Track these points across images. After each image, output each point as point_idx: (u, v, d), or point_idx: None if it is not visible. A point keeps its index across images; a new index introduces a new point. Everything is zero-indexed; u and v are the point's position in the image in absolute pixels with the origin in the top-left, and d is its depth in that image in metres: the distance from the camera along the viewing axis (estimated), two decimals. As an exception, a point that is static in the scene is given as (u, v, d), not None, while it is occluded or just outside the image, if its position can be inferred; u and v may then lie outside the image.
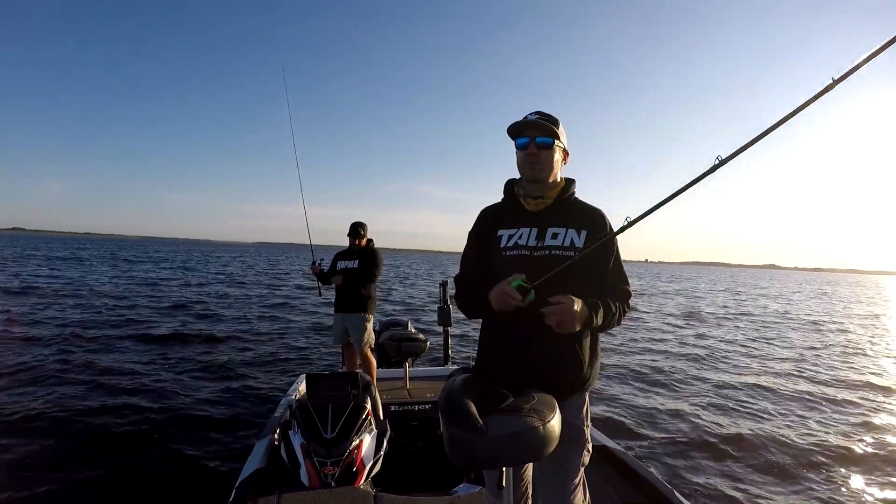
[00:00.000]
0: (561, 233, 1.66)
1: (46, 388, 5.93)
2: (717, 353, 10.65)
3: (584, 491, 1.72)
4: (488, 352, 1.74)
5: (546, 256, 1.63)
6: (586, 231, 1.66)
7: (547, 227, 1.67)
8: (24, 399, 5.52)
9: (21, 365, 6.92)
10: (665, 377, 8.06)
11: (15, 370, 6.64)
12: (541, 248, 1.65)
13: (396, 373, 4.79)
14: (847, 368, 9.59)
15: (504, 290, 1.53)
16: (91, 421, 4.97)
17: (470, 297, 1.71)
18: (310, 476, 2.62)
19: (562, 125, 1.72)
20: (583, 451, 1.69)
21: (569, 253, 1.62)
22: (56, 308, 12.47)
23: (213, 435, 4.81)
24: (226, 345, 9.16)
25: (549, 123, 1.68)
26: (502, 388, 1.55)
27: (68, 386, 6.09)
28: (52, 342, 8.50)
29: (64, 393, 5.79)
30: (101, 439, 4.58)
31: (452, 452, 1.39)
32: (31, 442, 4.43)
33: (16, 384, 6.06)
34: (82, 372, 6.75)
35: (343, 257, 4.90)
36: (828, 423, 6.02)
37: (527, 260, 1.64)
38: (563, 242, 1.64)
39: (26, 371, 6.64)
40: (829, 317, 20.50)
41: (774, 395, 7.29)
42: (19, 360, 7.15)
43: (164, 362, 7.54)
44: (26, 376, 6.41)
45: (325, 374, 3.36)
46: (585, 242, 1.64)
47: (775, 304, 25.96)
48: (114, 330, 9.99)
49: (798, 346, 12.17)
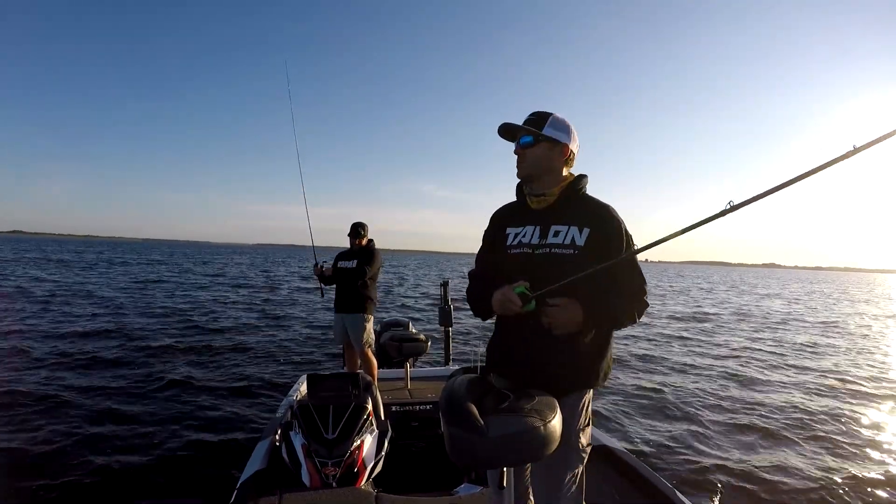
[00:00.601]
0: (562, 230, 1.64)
1: (46, 389, 5.92)
2: (723, 354, 10.65)
3: (580, 490, 1.70)
4: (493, 351, 1.79)
5: (546, 255, 1.62)
6: (589, 228, 1.62)
7: (550, 225, 1.66)
8: (24, 400, 5.52)
9: (22, 365, 6.93)
10: (666, 378, 8.06)
11: (15, 370, 6.65)
12: (542, 245, 1.65)
13: (397, 373, 4.80)
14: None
15: (506, 294, 1.55)
16: (91, 422, 4.98)
17: (478, 295, 1.73)
18: (311, 476, 2.63)
19: (557, 120, 1.69)
20: (575, 451, 1.66)
21: (568, 251, 1.60)
22: (57, 309, 12.48)
23: (214, 435, 4.82)
24: (226, 346, 9.15)
25: (534, 120, 1.68)
26: (504, 387, 1.57)
27: (68, 386, 6.09)
28: (51, 343, 8.51)
29: (63, 393, 5.79)
30: (102, 440, 4.58)
31: (453, 453, 1.39)
32: (30, 442, 4.43)
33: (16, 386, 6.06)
34: (82, 372, 6.76)
35: (343, 258, 4.91)
36: (836, 426, 5.95)
37: (529, 258, 1.65)
38: (564, 240, 1.62)
39: (26, 372, 6.65)
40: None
41: (780, 395, 7.29)
42: (20, 361, 7.16)
43: (163, 363, 7.53)
44: (26, 376, 6.41)
45: (326, 375, 3.36)
46: (587, 240, 1.60)
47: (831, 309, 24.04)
48: (113, 331, 9.99)
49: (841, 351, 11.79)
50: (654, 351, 10.34)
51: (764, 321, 17.15)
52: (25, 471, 3.94)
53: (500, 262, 1.73)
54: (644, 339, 11.66)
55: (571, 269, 1.53)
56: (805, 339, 13.20)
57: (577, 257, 1.59)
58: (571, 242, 1.61)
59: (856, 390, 7.71)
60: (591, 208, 1.68)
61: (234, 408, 5.64)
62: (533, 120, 1.69)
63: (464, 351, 8.95)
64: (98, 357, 7.76)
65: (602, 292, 1.59)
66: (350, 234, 4.90)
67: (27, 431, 4.68)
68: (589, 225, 1.62)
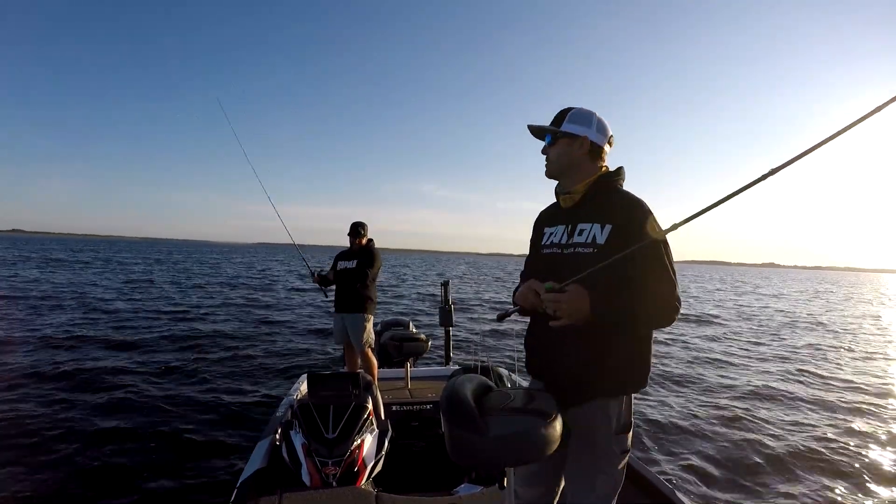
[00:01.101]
0: (586, 229, 1.58)
1: (44, 391, 5.93)
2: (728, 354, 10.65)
3: (613, 493, 1.59)
4: (526, 351, 1.80)
5: (572, 255, 1.59)
6: (611, 225, 1.53)
7: (576, 224, 1.62)
8: (23, 400, 5.52)
9: (20, 367, 6.93)
10: (667, 377, 8.06)
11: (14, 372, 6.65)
12: (569, 245, 1.62)
13: (398, 373, 4.80)
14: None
15: (529, 285, 1.56)
16: (90, 422, 4.98)
17: (514, 293, 1.75)
18: (311, 476, 2.63)
19: (577, 113, 1.65)
20: (605, 457, 1.56)
21: (588, 250, 1.54)
22: (58, 311, 12.49)
23: (215, 435, 4.82)
24: (226, 346, 9.16)
25: (555, 118, 1.68)
26: (538, 388, 1.60)
27: (67, 388, 6.09)
28: (52, 345, 8.51)
29: (62, 395, 5.79)
30: (101, 441, 4.58)
31: (453, 452, 1.40)
32: (30, 443, 4.43)
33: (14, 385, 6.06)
34: (81, 373, 6.75)
35: (343, 258, 4.92)
36: (839, 429, 5.90)
37: (556, 258, 1.64)
38: (586, 239, 1.57)
39: (25, 372, 6.65)
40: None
41: (784, 397, 7.28)
42: (19, 363, 7.17)
43: (163, 364, 7.52)
44: (25, 378, 6.41)
45: (326, 374, 3.36)
46: (608, 238, 1.52)
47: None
48: (113, 331, 9.99)
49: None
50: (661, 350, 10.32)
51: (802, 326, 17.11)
52: (23, 471, 3.94)
53: (534, 262, 1.77)
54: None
55: (588, 268, 1.45)
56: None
57: (596, 256, 1.50)
58: (592, 241, 1.55)
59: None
60: (617, 203, 1.58)
61: (233, 407, 5.64)
62: (554, 118, 1.68)
63: (464, 351, 8.95)
64: (98, 357, 7.77)
65: (620, 288, 1.49)
66: (350, 234, 4.91)
67: (26, 432, 4.68)
68: (612, 221, 1.54)
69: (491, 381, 1.65)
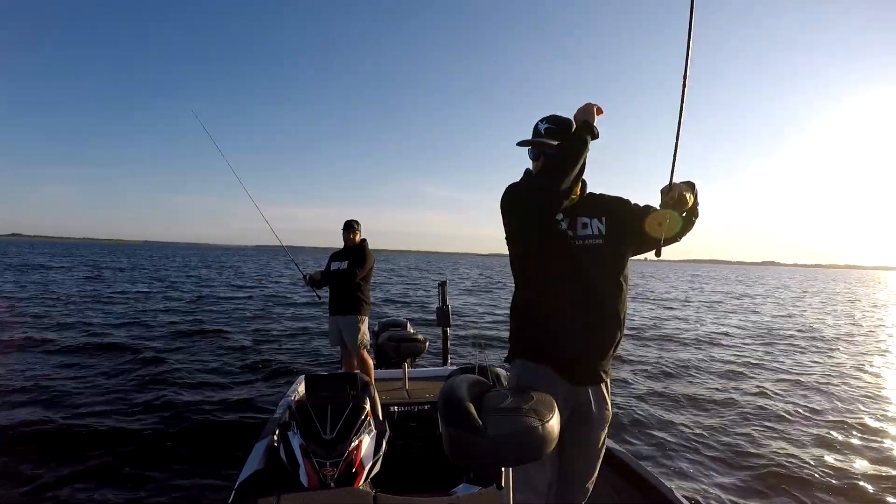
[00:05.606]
0: (588, 222, 1.83)
1: (43, 391, 5.92)
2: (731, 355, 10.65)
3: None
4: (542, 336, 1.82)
5: (583, 246, 1.80)
6: (605, 217, 1.84)
7: (576, 218, 1.83)
8: (21, 403, 5.52)
9: (21, 368, 6.92)
10: (668, 377, 8.06)
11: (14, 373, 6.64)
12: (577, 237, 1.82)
13: (395, 373, 4.79)
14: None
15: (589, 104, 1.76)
16: (90, 423, 4.97)
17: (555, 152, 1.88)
18: (309, 477, 2.62)
19: (539, 128, 1.83)
20: (604, 436, 1.83)
21: (597, 241, 1.80)
22: (59, 312, 12.48)
23: (212, 436, 4.81)
24: (224, 346, 9.16)
25: (534, 132, 1.87)
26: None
27: (66, 388, 6.08)
28: (51, 345, 8.50)
29: (62, 395, 5.79)
30: (100, 441, 4.57)
31: (452, 452, 1.39)
32: (29, 443, 4.43)
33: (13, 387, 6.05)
34: (80, 373, 6.75)
35: (336, 258, 4.92)
36: (839, 429, 5.83)
37: (565, 244, 1.80)
38: (592, 231, 1.83)
39: (25, 373, 6.64)
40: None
41: (786, 399, 7.28)
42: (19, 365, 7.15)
43: (162, 364, 7.52)
44: (24, 379, 6.40)
45: (323, 375, 3.35)
46: (606, 228, 1.82)
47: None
48: (113, 332, 9.99)
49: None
50: (661, 350, 10.34)
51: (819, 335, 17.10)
52: (22, 471, 3.93)
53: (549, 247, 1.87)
54: (654, 339, 11.67)
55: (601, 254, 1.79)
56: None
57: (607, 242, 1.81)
58: (599, 233, 1.84)
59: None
60: (605, 202, 1.90)
61: (231, 408, 5.63)
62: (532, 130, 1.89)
63: (462, 351, 8.95)
64: (97, 357, 7.76)
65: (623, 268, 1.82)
66: (343, 230, 4.92)
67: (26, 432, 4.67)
68: (605, 215, 1.86)
69: (489, 381, 1.65)
